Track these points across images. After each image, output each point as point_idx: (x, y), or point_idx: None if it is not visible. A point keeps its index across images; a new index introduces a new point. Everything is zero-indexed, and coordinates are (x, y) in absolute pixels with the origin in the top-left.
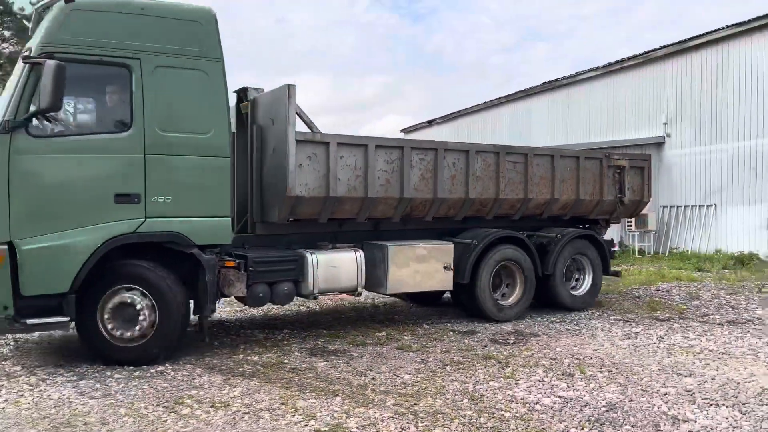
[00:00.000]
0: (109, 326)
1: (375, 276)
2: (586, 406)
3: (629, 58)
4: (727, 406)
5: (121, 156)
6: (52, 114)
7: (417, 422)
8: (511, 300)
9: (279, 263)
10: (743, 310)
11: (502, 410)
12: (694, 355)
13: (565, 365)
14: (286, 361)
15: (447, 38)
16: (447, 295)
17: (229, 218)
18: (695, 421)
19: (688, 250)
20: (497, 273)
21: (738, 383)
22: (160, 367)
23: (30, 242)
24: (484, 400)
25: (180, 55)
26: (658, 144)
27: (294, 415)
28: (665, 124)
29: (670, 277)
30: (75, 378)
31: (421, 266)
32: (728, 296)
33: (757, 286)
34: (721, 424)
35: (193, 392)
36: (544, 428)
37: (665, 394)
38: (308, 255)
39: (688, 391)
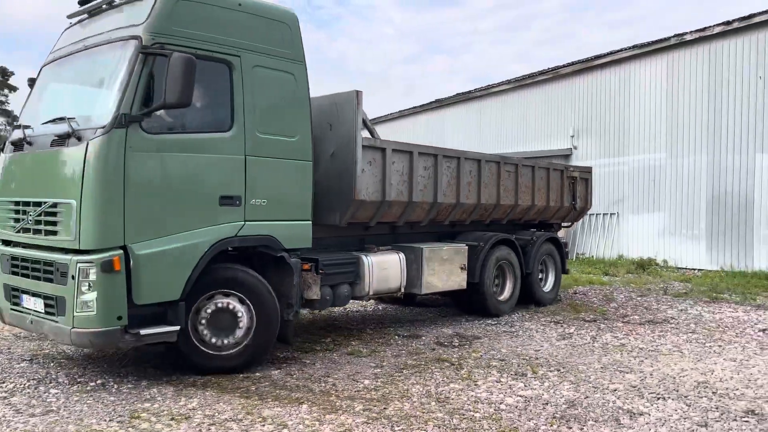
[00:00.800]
0: (204, 334)
1: (410, 277)
2: (547, 404)
3: (539, 73)
4: (672, 399)
5: (225, 156)
6: (174, 110)
7: (392, 426)
8: (505, 296)
9: (342, 265)
10: (656, 311)
11: (470, 411)
12: (628, 353)
13: (515, 366)
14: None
15: (351, 46)
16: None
17: (310, 222)
18: (649, 414)
19: (593, 256)
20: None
21: (674, 378)
22: (99, 380)
23: (144, 247)
24: (451, 402)
25: (273, 56)
26: (566, 156)
27: (263, 425)
28: (572, 136)
29: (584, 281)
30: (4, 394)
31: (445, 267)
32: (639, 298)
33: (661, 289)
34: (672, 416)
35: (147, 405)
36: (515, 427)
37: (615, 390)
38: (363, 257)
39: (634, 387)
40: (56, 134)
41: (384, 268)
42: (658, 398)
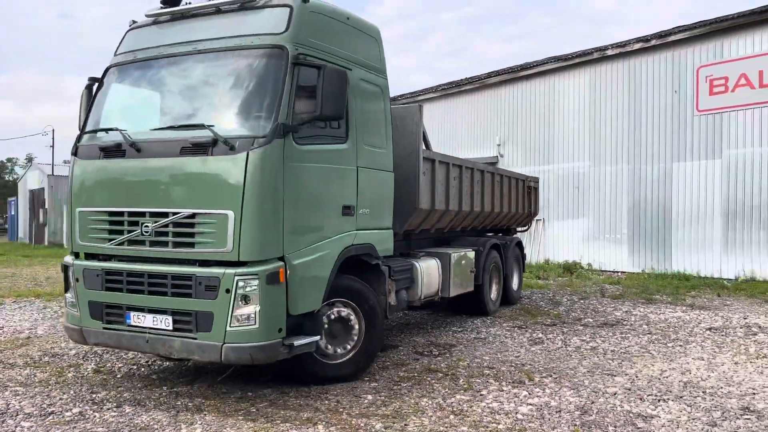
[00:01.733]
0: (321, 343)
1: (442, 281)
2: (560, 411)
3: (466, 82)
4: (671, 400)
5: (345, 168)
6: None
7: None
8: (494, 296)
9: (404, 272)
10: (605, 313)
11: (492, 423)
12: (603, 356)
13: (507, 373)
14: (225, 390)
15: None
16: None
17: (392, 230)
18: (659, 416)
19: None
20: None
21: (659, 379)
22: (75, 408)
23: (297, 257)
24: (468, 414)
25: (369, 70)
26: (492, 163)
27: None
28: (499, 145)
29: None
30: None
31: (464, 271)
32: (582, 301)
33: (598, 291)
34: (680, 417)
35: None
36: None
37: (614, 393)
38: (415, 263)
39: (629, 390)
40: (193, 142)
41: (429, 273)
42: (659, 400)
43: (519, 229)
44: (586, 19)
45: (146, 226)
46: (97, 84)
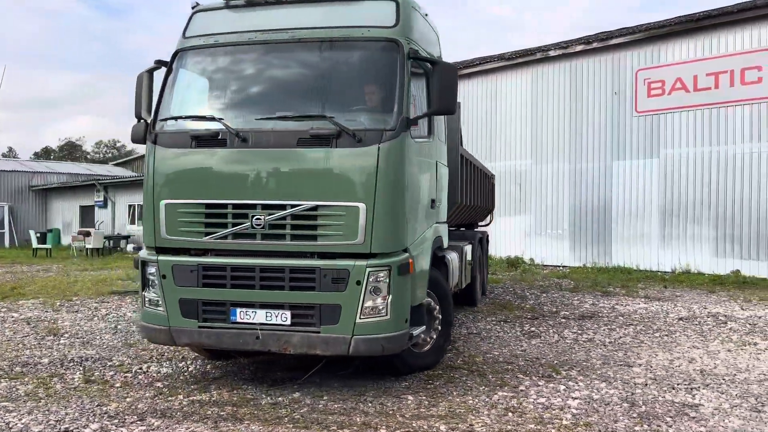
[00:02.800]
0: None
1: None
2: (608, 404)
3: None
4: (702, 389)
5: (430, 161)
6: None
7: None
8: (479, 288)
9: (445, 264)
10: (574, 306)
11: (554, 418)
12: (605, 347)
13: (531, 368)
14: (250, 396)
15: (148, 38)
16: None
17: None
18: (703, 405)
19: None
20: None
21: (673, 368)
22: (94, 425)
23: (414, 249)
24: (525, 411)
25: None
26: None
27: None
28: None
29: None
30: None
31: (468, 263)
32: (545, 295)
33: (555, 285)
34: (722, 405)
35: None
36: (613, 430)
37: (645, 384)
38: (446, 254)
39: (655, 380)
40: (314, 134)
41: (455, 265)
42: (690, 389)
43: (481, 223)
44: (487, 24)
45: (258, 219)
46: (164, 69)
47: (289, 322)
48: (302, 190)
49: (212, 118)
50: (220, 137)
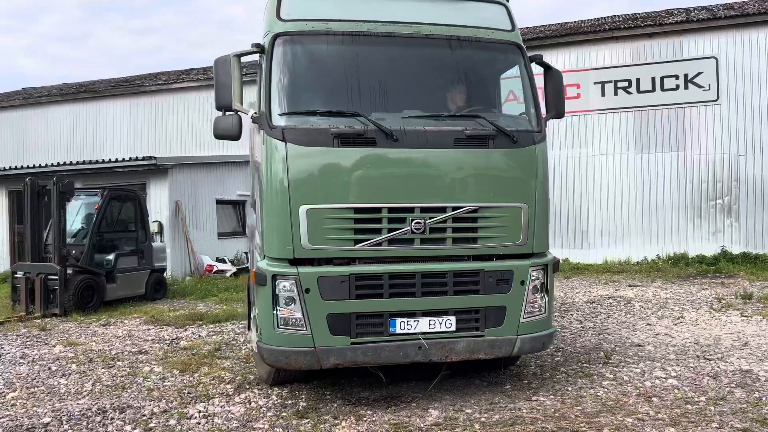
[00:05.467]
0: None
1: None
2: (697, 383)
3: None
4: (744, 358)
5: None
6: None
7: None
8: None
9: None
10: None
11: (678, 400)
12: (629, 329)
13: (584, 355)
14: (328, 395)
15: None
16: None
17: None
18: (759, 372)
19: None
20: None
21: (705, 342)
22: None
23: None
24: (633, 395)
25: None
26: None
27: None
28: None
29: None
30: None
31: None
32: None
33: None
34: None
35: None
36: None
37: (697, 357)
38: None
39: (699, 357)
40: (470, 134)
41: None
42: (739, 358)
43: None
44: (219, 23)
45: (418, 223)
46: (258, 53)
47: (453, 328)
48: (462, 192)
49: (357, 115)
50: (366, 135)
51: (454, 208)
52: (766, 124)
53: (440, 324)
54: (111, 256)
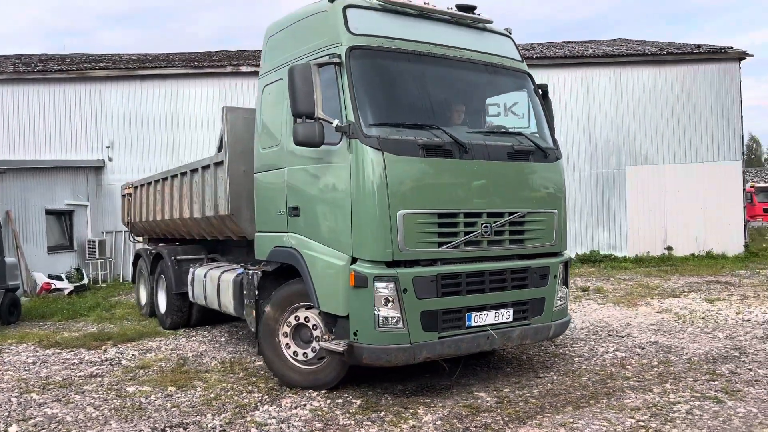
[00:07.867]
0: None
1: None
2: (639, 355)
3: (56, 70)
4: (649, 334)
5: None
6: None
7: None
8: None
9: None
10: None
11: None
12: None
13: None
14: (368, 391)
15: None
16: None
17: None
18: None
19: None
20: None
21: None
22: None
23: None
24: (627, 367)
25: None
26: (99, 167)
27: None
28: (108, 147)
29: None
30: None
31: None
32: None
33: None
34: None
35: None
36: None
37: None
38: None
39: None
40: (519, 149)
41: None
42: (656, 332)
43: None
44: None
45: (486, 227)
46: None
47: (511, 318)
48: (514, 199)
49: (436, 127)
50: (444, 147)
51: (511, 213)
52: None
53: (502, 315)
54: None
